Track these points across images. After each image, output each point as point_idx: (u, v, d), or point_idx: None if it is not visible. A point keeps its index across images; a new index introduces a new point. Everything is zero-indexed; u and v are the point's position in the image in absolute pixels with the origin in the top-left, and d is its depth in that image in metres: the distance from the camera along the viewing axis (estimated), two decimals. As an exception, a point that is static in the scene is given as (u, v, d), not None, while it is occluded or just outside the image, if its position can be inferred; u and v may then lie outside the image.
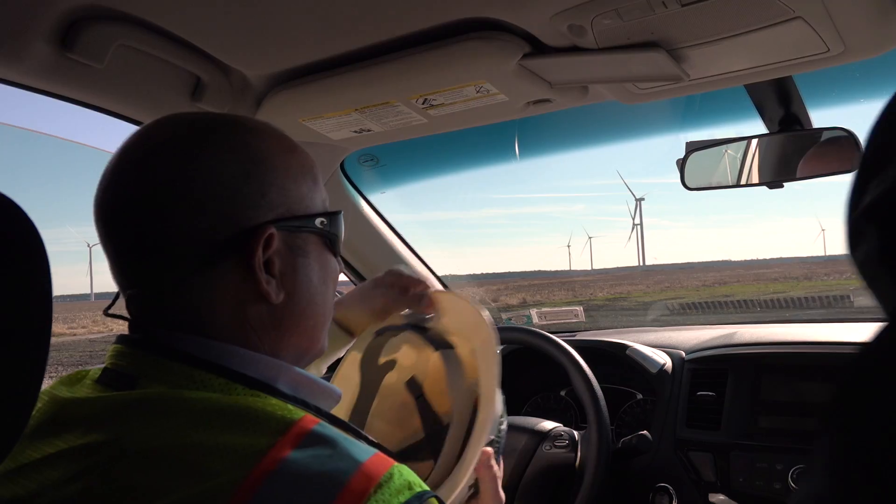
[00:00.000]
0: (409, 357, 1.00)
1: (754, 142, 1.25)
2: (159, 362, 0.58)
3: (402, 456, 0.91)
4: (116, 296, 0.65)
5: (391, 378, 1.00)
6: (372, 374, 1.00)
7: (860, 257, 0.37)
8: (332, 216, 0.67)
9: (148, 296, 0.61)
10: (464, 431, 0.85)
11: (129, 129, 1.21)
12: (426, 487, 0.53)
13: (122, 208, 0.60)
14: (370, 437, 0.62)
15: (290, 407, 0.56)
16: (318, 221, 0.65)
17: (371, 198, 1.67)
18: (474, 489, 0.81)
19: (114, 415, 0.55)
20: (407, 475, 0.53)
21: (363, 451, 0.53)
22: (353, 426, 0.61)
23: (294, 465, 0.49)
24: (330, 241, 0.67)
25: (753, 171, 1.27)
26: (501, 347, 1.67)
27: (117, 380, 0.58)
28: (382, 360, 1.00)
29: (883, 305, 0.36)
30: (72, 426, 0.55)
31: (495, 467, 0.82)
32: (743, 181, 1.29)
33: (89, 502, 0.50)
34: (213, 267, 0.59)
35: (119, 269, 0.62)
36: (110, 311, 0.66)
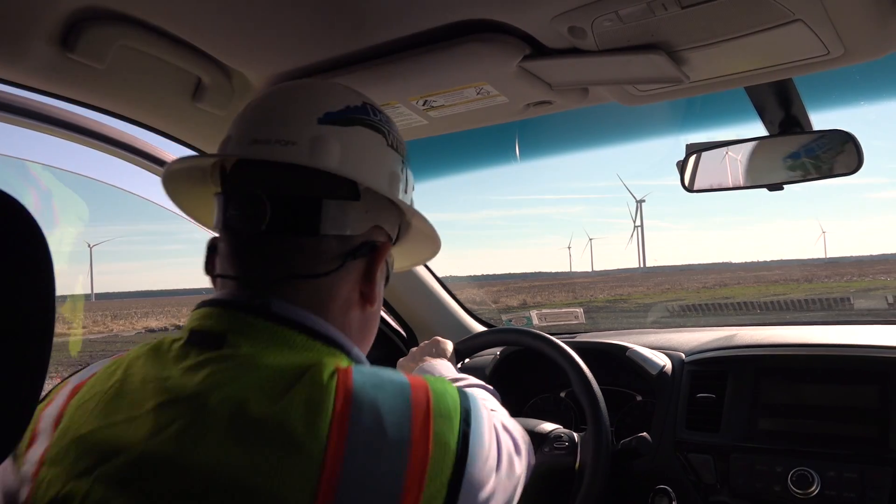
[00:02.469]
0: None
1: (755, 144, 1.25)
2: (247, 320, 0.64)
3: None
4: None
5: None
6: None
7: None
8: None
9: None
10: None
11: (130, 129, 1.22)
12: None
13: None
14: None
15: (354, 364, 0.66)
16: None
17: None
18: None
19: (200, 371, 0.60)
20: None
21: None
22: None
23: (362, 381, 0.60)
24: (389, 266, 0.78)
25: (754, 173, 1.27)
26: (502, 349, 1.68)
27: (207, 338, 0.63)
28: None
29: None
30: (158, 390, 0.61)
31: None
32: (743, 183, 1.29)
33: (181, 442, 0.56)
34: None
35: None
36: None
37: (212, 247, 0.73)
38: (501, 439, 0.68)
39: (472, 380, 0.98)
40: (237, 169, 0.70)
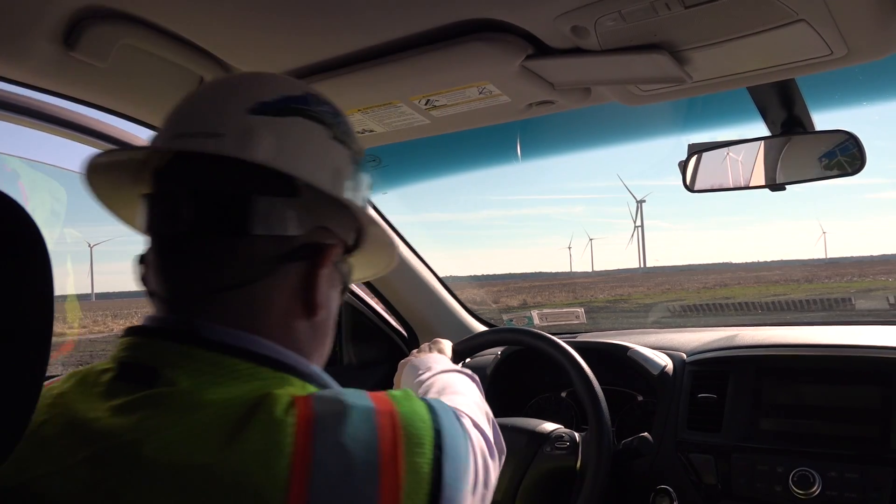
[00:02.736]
0: None
1: (757, 144, 1.25)
2: (182, 350, 0.58)
3: None
4: None
5: None
6: None
7: None
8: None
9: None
10: None
11: (131, 128, 1.22)
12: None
13: None
14: None
15: (309, 386, 0.61)
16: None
17: (372, 198, 1.68)
18: None
19: (131, 416, 0.54)
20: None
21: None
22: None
23: (322, 410, 0.55)
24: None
25: (756, 174, 1.27)
26: (503, 349, 1.68)
27: (137, 373, 0.57)
28: None
29: None
30: (88, 436, 0.55)
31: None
32: (745, 183, 1.29)
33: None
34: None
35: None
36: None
37: (142, 259, 0.66)
38: (476, 447, 0.64)
39: (451, 365, 0.96)
40: (167, 166, 0.64)
